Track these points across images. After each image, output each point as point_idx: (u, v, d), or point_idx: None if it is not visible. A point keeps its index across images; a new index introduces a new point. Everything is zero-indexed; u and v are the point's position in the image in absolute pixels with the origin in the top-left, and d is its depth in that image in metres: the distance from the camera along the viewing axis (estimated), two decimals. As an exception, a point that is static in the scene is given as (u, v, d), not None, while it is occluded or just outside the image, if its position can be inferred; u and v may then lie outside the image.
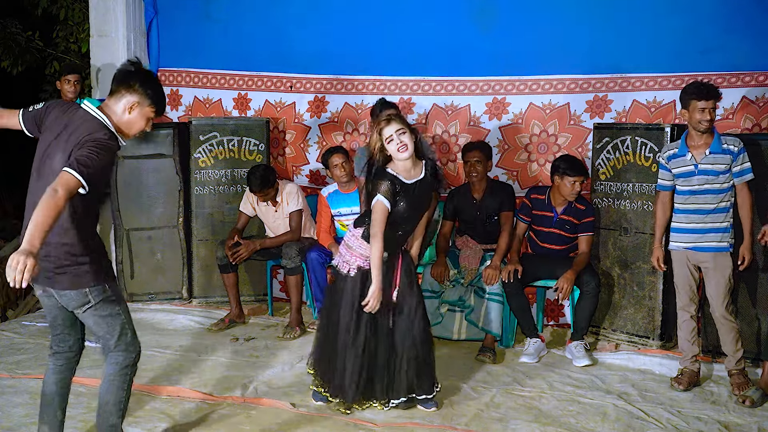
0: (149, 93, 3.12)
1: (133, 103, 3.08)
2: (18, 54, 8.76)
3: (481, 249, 5.12)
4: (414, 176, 3.85)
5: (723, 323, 4.26)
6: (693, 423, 3.88)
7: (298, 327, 5.39)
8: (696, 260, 4.31)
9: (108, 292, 3.11)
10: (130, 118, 3.10)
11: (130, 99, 3.08)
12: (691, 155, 4.24)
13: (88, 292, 3.04)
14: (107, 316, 3.13)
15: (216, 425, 3.84)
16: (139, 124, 3.14)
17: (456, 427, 3.84)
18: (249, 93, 6.38)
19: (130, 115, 3.10)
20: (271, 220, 5.67)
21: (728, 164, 4.17)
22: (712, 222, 4.23)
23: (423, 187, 3.88)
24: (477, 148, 5.15)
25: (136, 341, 3.29)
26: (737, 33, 4.99)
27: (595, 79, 5.42)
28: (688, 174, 4.26)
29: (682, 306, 4.41)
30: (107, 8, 6.58)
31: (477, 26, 5.66)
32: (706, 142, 4.21)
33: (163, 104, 3.22)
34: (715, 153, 4.18)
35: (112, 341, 3.19)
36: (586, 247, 5.00)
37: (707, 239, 4.24)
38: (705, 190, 4.22)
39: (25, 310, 6.79)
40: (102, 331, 3.16)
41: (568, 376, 4.58)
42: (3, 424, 3.79)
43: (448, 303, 5.08)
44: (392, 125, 3.76)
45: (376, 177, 3.79)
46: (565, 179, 4.85)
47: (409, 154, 3.76)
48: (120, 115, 3.08)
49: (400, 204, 3.80)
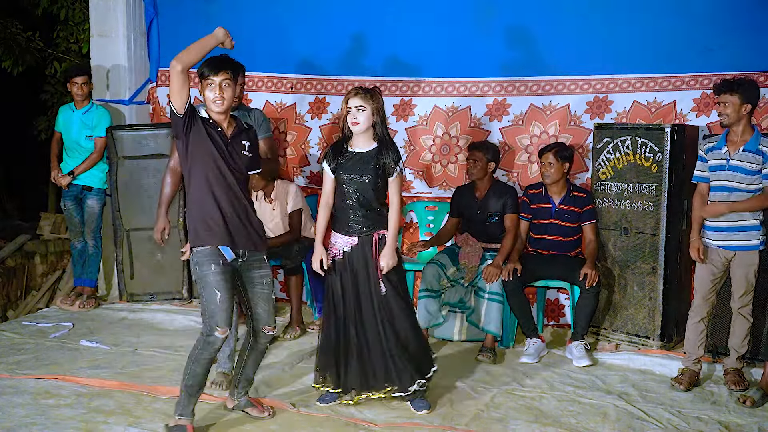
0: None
1: None
2: (18, 54, 8.76)
3: (480, 247, 5.12)
4: (362, 147, 3.97)
5: (737, 317, 4.32)
6: (693, 423, 3.88)
7: (298, 327, 5.39)
8: (726, 257, 4.30)
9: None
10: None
11: None
12: (727, 149, 4.24)
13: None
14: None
15: (216, 425, 3.84)
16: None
17: (456, 427, 3.84)
18: (249, 93, 6.37)
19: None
20: (268, 219, 5.66)
21: (759, 165, 4.15)
22: (740, 220, 4.22)
23: (365, 156, 3.95)
24: (478, 147, 5.16)
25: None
26: (737, 33, 4.99)
27: (595, 80, 5.43)
28: (720, 168, 4.25)
29: (694, 307, 4.41)
30: (107, 8, 6.58)
31: (477, 27, 5.66)
32: (744, 139, 4.19)
33: None
34: (748, 151, 4.17)
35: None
36: (592, 235, 5.01)
37: (736, 237, 4.24)
38: (733, 187, 4.22)
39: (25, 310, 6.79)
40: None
41: (569, 376, 4.58)
42: (3, 424, 3.79)
43: (449, 305, 5.08)
44: (355, 99, 3.90)
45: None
46: (539, 161, 5.02)
47: (358, 130, 3.92)
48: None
49: (342, 171, 3.95)
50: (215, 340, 3.57)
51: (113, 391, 4.26)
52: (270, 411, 3.93)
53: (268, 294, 3.78)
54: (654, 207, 4.90)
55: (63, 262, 7.60)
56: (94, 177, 6.08)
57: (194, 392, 3.66)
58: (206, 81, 3.59)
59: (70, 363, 4.70)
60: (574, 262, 4.97)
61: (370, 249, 3.97)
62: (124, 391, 4.26)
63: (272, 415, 3.91)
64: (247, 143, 3.72)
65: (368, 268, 3.98)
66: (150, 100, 6.76)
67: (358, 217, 3.98)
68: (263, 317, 3.79)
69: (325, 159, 4.03)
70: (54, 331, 5.39)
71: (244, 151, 3.70)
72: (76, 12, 8.35)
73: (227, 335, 3.62)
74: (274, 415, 3.92)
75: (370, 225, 3.99)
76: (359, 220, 3.98)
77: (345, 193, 3.98)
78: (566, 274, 4.97)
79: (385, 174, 3.94)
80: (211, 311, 3.56)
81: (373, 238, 3.98)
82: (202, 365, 3.61)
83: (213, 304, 3.55)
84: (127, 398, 4.16)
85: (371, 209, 3.98)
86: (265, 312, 3.79)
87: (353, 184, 3.95)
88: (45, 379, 4.40)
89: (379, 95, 3.97)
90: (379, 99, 3.95)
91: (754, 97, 4.19)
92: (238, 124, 3.75)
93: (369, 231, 3.98)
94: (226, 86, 3.59)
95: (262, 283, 3.77)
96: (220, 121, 3.66)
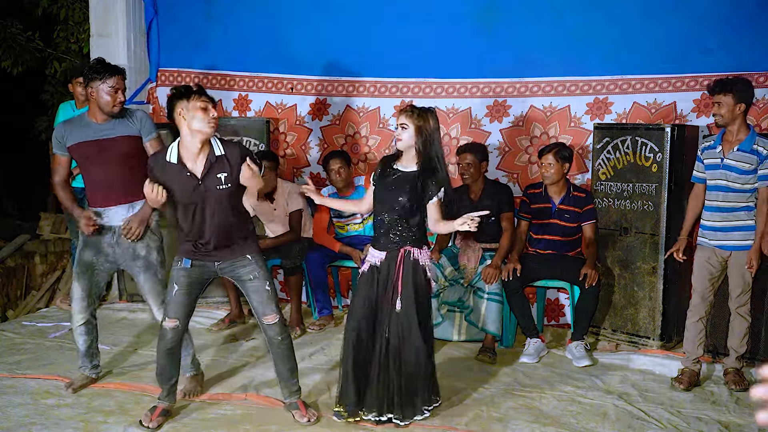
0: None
1: None
2: (18, 54, 8.77)
3: (480, 248, 5.12)
4: (405, 166, 3.88)
5: (736, 317, 4.32)
6: (693, 423, 3.88)
7: (298, 327, 5.39)
8: (723, 256, 4.32)
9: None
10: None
11: None
12: (721, 149, 4.25)
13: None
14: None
15: (216, 425, 3.84)
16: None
17: (456, 427, 3.84)
18: (250, 94, 6.37)
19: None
20: (268, 219, 5.67)
21: (754, 165, 4.15)
22: (735, 220, 4.23)
23: (406, 176, 3.84)
24: (468, 150, 5.15)
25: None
26: (737, 34, 5.00)
27: (595, 81, 5.43)
28: (714, 167, 4.26)
29: (693, 306, 4.41)
30: (107, 8, 6.58)
31: (478, 29, 5.67)
32: (739, 138, 4.20)
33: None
34: (743, 151, 4.18)
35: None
36: (592, 234, 5.02)
37: (732, 237, 4.25)
38: (727, 187, 4.22)
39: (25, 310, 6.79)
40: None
41: (568, 376, 4.58)
42: (3, 425, 3.78)
43: (448, 304, 5.07)
44: (402, 116, 3.85)
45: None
46: (539, 161, 5.01)
47: (400, 146, 3.85)
48: None
49: (382, 188, 3.90)
50: (165, 330, 3.79)
51: (113, 391, 4.26)
52: (311, 417, 3.85)
53: (258, 286, 3.78)
54: (654, 207, 4.90)
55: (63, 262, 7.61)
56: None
57: (164, 380, 3.90)
58: (198, 103, 3.58)
59: (70, 363, 4.70)
60: (574, 262, 4.97)
61: (394, 264, 3.85)
62: (124, 391, 4.27)
63: (311, 422, 3.84)
64: (223, 175, 3.64)
65: (388, 283, 3.84)
66: (150, 99, 6.76)
67: (389, 235, 3.86)
68: (259, 309, 3.81)
69: (374, 172, 3.97)
70: (54, 331, 5.39)
71: (219, 186, 3.64)
72: (76, 12, 8.37)
73: (176, 327, 3.77)
74: (315, 422, 3.84)
75: (399, 242, 3.86)
76: (390, 237, 3.86)
77: (380, 208, 3.89)
78: (566, 274, 4.97)
79: (421, 197, 3.80)
80: (167, 302, 3.81)
81: (400, 254, 3.85)
82: (161, 355, 3.85)
83: (169, 296, 3.79)
84: (127, 398, 4.17)
85: (403, 229, 3.84)
86: (260, 304, 3.80)
87: (388, 202, 3.85)
88: (45, 379, 4.40)
89: (429, 115, 3.80)
90: (426, 119, 3.78)
91: (748, 96, 4.20)
92: (210, 155, 3.65)
93: (397, 247, 3.85)
94: (215, 110, 3.67)
95: (250, 278, 3.79)
96: (192, 159, 3.64)
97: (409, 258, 3.82)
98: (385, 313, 3.82)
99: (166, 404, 3.92)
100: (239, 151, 3.70)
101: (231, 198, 3.71)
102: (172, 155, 3.66)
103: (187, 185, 3.64)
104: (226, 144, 3.74)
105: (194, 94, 3.59)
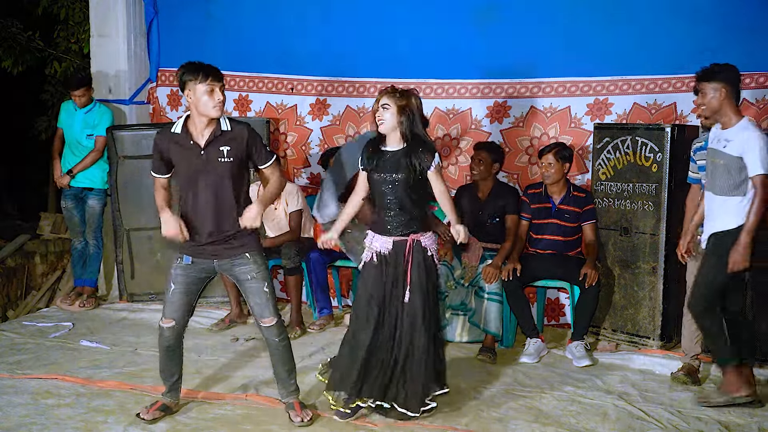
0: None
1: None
2: (18, 54, 8.77)
3: (481, 246, 5.12)
4: (393, 147, 3.89)
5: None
6: (693, 423, 3.88)
7: (298, 327, 5.39)
8: None
9: None
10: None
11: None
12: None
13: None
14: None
15: (216, 425, 3.84)
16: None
17: (456, 427, 3.84)
18: (250, 94, 6.38)
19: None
20: (268, 218, 5.67)
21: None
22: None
23: (397, 155, 3.85)
24: (484, 147, 5.19)
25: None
26: (737, 34, 4.99)
27: (596, 81, 5.43)
28: (704, 168, 4.21)
29: (688, 303, 4.40)
30: (107, 8, 6.59)
31: (478, 29, 5.67)
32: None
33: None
34: None
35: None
36: (592, 234, 5.02)
37: None
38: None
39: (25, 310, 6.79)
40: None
41: (568, 376, 4.58)
42: (3, 425, 3.78)
43: (452, 308, 5.09)
44: (383, 97, 3.85)
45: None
46: (539, 161, 5.01)
47: (383, 128, 3.85)
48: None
49: (374, 171, 3.88)
50: (161, 329, 3.81)
51: (113, 391, 4.26)
52: (305, 417, 3.84)
53: (257, 287, 3.77)
54: (654, 207, 4.91)
55: (63, 262, 7.60)
56: (95, 177, 6.09)
57: (166, 377, 3.92)
58: (207, 85, 3.61)
59: (70, 363, 4.70)
60: (574, 262, 4.97)
61: (402, 254, 3.86)
62: (124, 391, 4.27)
63: (305, 423, 3.82)
64: (225, 149, 3.67)
65: (398, 275, 3.86)
66: (150, 99, 6.76)
67: (392, 217, 3.87)
68: (256, 311, 3.81)
69: (360, 157, 3.98)
70: (54, 331, 5.39)
71: (221, 158, 3.66)
72: (76, 12, 8.37)
73: (172, 326, 3.79)
74: (309, 423, 3.83)
75: (405, 226, 3.86)
76: (394, 220, 3.87)
77: (379, 192, 3.91)
78: (566, 274, 4.98)
79: (418, 171, 3.82)
80: (164, 301, 3.82)
81: (408, 243, 3.86)
82: (162, 353, 3.88)
83: (166, 295, 3.80)
84: (127, 398, 4.16)
85: (405, 209, 3.86)
86: (257, 305, 3.79)
87: (386, 183, 3.86)
88: (45, 379, 4.40)
89: (409, 95, 3.85)
90: (408, 98, 3.83)
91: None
92: (215, 129, 3.69)
93: (404, 233, 3.86)
94: (222, 92, 3.68)
95: (248, 278, 3.77)
96: (197, 131, 3.68)
97: (418, 248, 3.86)
98: (394, 305, 3.85)
99: (168, 400, 3.93)
100: (247, 131, 3.74)
101: (232, 174, 3.70)
102: (178, 127, 3.72)
103: (189, 154, 3.67)
104: (235, 122, 3.77)
105: (202, 75, 3.61)
